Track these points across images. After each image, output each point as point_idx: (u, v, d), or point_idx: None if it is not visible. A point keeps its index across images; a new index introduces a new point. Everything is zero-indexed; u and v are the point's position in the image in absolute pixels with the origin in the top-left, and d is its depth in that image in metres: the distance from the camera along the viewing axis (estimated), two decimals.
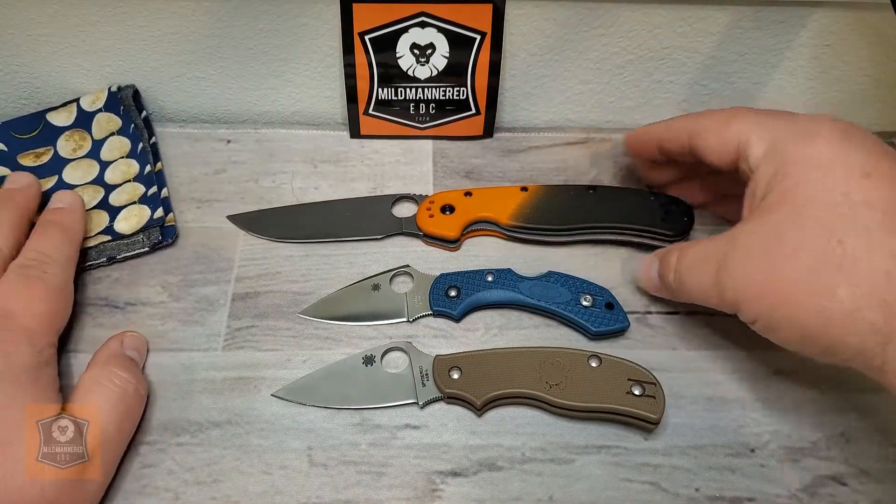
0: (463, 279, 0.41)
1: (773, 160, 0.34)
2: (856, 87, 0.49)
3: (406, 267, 0.42)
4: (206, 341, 0.39)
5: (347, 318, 0.40)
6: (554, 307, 0.40)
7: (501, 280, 0.41)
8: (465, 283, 0.41)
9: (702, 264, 0.35)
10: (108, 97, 0.48)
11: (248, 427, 0.36)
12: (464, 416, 0.37)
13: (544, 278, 0.41)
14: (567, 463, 0.36)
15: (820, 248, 0.30)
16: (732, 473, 0.35)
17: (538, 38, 0.46)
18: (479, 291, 0.40)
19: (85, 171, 0.46)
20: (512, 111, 0.51)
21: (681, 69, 0.48)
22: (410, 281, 0.42)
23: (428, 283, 0.41)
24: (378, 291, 0.41)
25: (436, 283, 0.41)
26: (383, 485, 0.35)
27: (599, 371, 0.36)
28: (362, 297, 0.41)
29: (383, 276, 0.42)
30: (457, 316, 0.40)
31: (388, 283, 0.42)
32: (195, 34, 0.46)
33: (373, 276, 0.42)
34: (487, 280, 0.41)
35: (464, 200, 0.44)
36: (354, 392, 0.37)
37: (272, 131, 0.50)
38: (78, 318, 0.40)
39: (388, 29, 0.45)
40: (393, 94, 0.48)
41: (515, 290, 0.40)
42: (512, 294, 0.40)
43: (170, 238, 0.43)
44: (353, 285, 0.41)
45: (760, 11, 0.45)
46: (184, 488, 0.34)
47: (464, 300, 0.40)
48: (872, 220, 0.30)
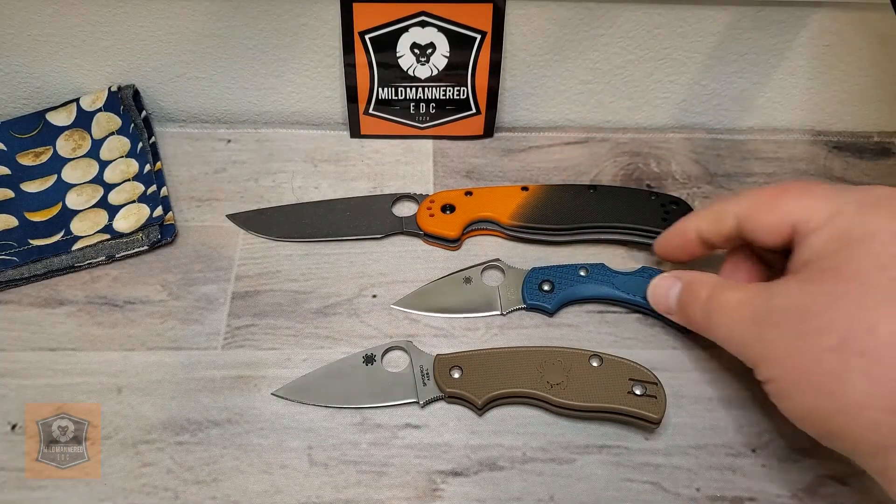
0: (556, 273, 0.41)
1: (829, 228, 0.31)
2: (856, 87, 0.50)
3: (496, 260, 0.42)
4: (205, 340, 0.39)
5: (441, 310, 0.41)
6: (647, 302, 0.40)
7: (595, 274, 0.41)
8: (559, 278, 0.41)
9: (737, 312, 0.33)
10: (108, 97, 0.48)
11: (248, 426, 0.36)
12: (464, 416, 0.37)
13: (638, 273, 0.41)
14: (568, 463, 0.36)
15: (849, 329, 0.28)
16: (734, 473, 0.35)
17: (538, 38, 0.46)
18: (574, 286, 0.40)
19: (84, 170, 0.46)
20: (512, 111, 0.51)
21: (681, 69, 0.49)
22: (501, 275, 0.42)
23: (520, 277, 0.41)
24: (470, 284, 0.41)
25: (529, 276, 0.41)
26: (384, 484, 0.35)
27: (600, 371, 0.36)
28: (455, 289, 0.41)
29: (474, 269, 0.42)
30: (551, 310, 0.40)
31: (480, 276, 0.42)
32: (195, 34, 0.46)
33: (463, 270, 0.42)
34: (580, 275, 0.41)
35: (464, 200, 0.44)
36: (355, 391, 0.37)
37: (272, 131, 0.50)
38: (77, 316, 0.40)
39: (388, 28, 0.45)
40: (393, 93, 0.48)
41: (611, 286, 0.40)
42: (607, 289, 0.40)
43: (169, 237, 0.43)
44: (445, 278, 0.42)
45: (760, 11, 0.45)
46: (183, 487, 0.34)
47: (558, 294, 0.40)
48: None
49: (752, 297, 0.33)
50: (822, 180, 0.48)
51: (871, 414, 0.27)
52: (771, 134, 0.51)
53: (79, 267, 0.42)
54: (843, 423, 0.28)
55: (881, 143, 0.51)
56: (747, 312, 0.33)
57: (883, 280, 0.28)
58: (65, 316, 0.40)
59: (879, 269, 0.29)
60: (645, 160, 0.49)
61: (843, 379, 0.28)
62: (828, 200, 0.32)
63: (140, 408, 0.37)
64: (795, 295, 0.31)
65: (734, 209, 0.35)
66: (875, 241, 0.29)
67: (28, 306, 0.40)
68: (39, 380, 0.37)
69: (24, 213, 0.44)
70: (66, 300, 0.41)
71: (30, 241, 0.42)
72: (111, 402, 0.37)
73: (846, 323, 0.28)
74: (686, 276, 0.38)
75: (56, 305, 0.40)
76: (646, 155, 0.50)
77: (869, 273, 0.29)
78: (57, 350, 0.39)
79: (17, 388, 0.37)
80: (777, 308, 0.31)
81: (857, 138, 0.51)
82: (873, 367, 0.27)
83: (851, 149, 0.51)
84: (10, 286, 0.41)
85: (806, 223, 0.32)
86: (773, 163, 0.49)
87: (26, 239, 0.42)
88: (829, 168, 0.49)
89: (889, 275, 0.28)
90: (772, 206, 0.34)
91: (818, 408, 0.29)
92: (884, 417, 0.27)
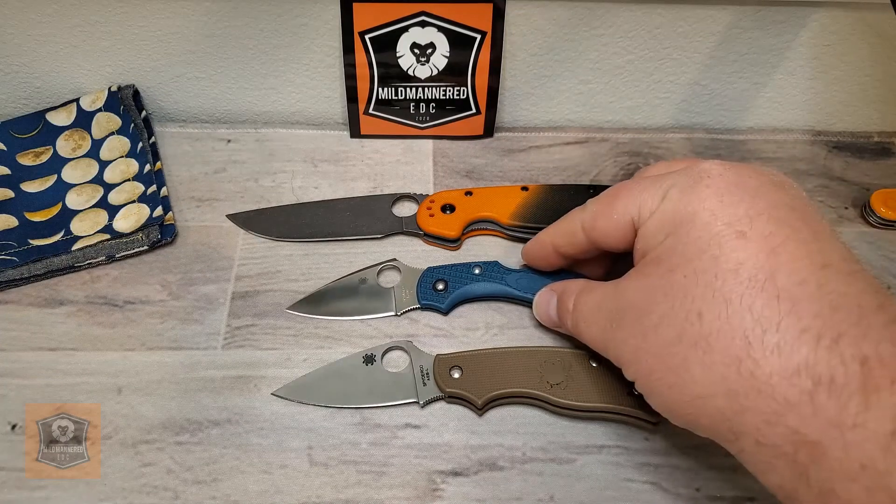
0: (450, 272, 0.41)
1: (658, 214, 0.30)
2: (856, 87, 0.50)
3: (393, 261, 0.42)
4: (205, 340, 0.39)
5: (335, 312, 0.40)
6: None
7: (488, 273, 0.41)
8: (453, 277, 0.41)
9: (594, 316, 0.33)
10: (108, 97, 0.48)
11: (248, 426, 0.36)
12: (464, 416, 0.37)
13: (531, 270, 0.41)
14: (568, 463, 0.36)
15: (681, 320, 0.28)
16: (733, 473, 0.35)
17: (538, 38, 0.46)
18: (467, 284, 0.40)
19: (84, 170, 0.46)
20: (512, 111, 0.51)
21: (681, 69, 0.49)
22: (398, 275, 0.42)
23: (415, 277, 0.41)
24: (365, 285, 0.41)
25: (423, 276, 0.41)
26: (384, 484, 0.35)
27: (600, 371, 0.36)
28: (349, 291, 0.41)
29: (370, 270, 0.42)
30: (444, 309, 0.40)
31: (376, 277, 0.42)
32: (195, 34, 0.46)
33: (359, 271, 0.42)
34: (475, 273, 0.41)
35: (464, 200, 0.44)
36: (355, 391, 0.37)
37: (272, 131, 0.50)
38: (77, 316, 0.40)
39: (388, 28, 0.45)
40: (393, 93, 0.48)
41: (502, 283, 0.40)
42: (499, 286, 0.40)
43: (169, 236, 0.43)
44: (340, 280, 0.41)
45: (760, 11, 0.45)
46: (183, 487, 0.34)
47: (451, 293, 0.40)
48: (734, 291, 0.26)
49: (604, 299, 0.33)
50: (822, 180, 0.48)
51: (714, 402, 0.27)
52: (771, 134, 0.51)
53: (79, 267, 0.42)
54: (697, 414, 0.28)
55: (881, 143, 0.51)
56: (602, 316, 0.33)
57: (705, 262, 0.28)
58: (65, 316, 0.40)
59: (701, 252, 0.28)
60: (645, 160, 0.49)
61: (685, 370, 0.27)
62: (655, 189, 0.31)
63: (140, 408, 0.37)
64: (634, 292, 0.30)
65: (579, 222, 0.35)
66: (695, 224, 0.29)
67: (28, 306, 0.40)
68: (39, 380, 0.37)
69: (24, 213, 0.44)
70: (66, 300, 0.41)
71: (30, 241, 0.42)
72: (111, 402, 0.37)
73: (678, 314, 0.28)
74: (559, 287, 0.37)
75: (56, 305, 0.40)
76: (646, 155, 0.50)
77: (692, 258, 0.28)
78: (57, 350, 0.39)
79: (17, 388, 0.37)
80: (623, 308, 0.31)
81: (857, 138, 0.51)
82: (706, 354, 0.27)
83: (851, 149, 0.51)
84: (10, 286, 0.41)
85: (638, 217, 0.31)
86: (774, 163, 0.49)
87: (26, 239, 0.42)
88: (829, 168, 0.49)
89: (710, 255, 0.27)
90: (608, 212, 0.33)
91: (674, 402, 0.29)
92: (726, 403, 0.26)
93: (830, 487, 0.24)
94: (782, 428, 0.25)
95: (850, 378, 0.24)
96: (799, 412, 0.24)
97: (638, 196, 0.32)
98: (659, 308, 0.29)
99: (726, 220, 0.28)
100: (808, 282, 0.26)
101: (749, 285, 0.26)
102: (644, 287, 0.30)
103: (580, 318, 0.35)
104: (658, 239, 0.30)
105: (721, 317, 0.26)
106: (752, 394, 0.25)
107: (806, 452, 0.24)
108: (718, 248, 0.27)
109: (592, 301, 0.34)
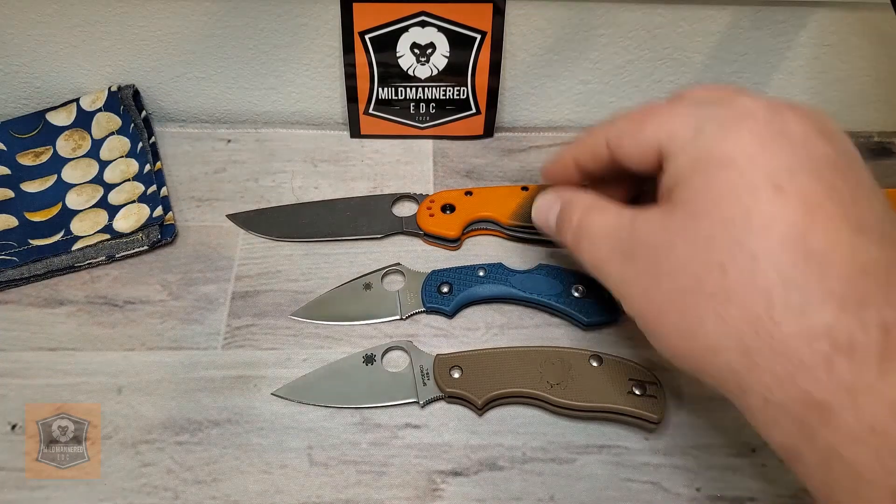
0: (455, 275, 0.41)
1: (689, 149, 0.28)
2: (856, 87, 0.50)
3: (397, 265, 0.42)
4: (205, 340, 0.39)
5: (340, 318, 0.40)
6: (546, 299, 0.40)
7: (493, 274, 0.41)
8: (457, 279, 0.41)
9: (602, 241, 0.31)
10: (108, 97, 0.48)
11: (248, 426, 0.36)
12: (464, 416, 0.37)
13: (535, 271, 0.41)
14: (568, 462, 0.36)
15: (701, 268, 0.26)
16: (734, 473, 0.35)
17: (538, 38, 0.46)
18: (471, 287, 0.40)
19: (84, 170, 0.46)
20: (512, 111, 0.51)
21: (681, 69, 0.48)
22: (402, 279, 0.42)
23: (420, 280, 0.41)
24: (370, 290, 0.41)
25: (428, 279, 0.41)
26: (384, 484, 0.35)
27: (601, 371, 0.36)
28: (354, 296, 0.41)
29: (374, 274, 0.42)
30: (450, 312, 0.40)
31: (380, 282, 0.41)
32: (195, 34, 0.46)
33: (364, 276, 0.42)
34: (479, 275, 0.41)
35: (464, 200, 0.44)
36: (355, 391, 0.37)
37: (272, 131, 0.50)
38: (77, 316, 0.40)
39: (388, 28, 0.45)
40: (393, 93, 0.48)
41: (507, 284, 0.40)
42: (504, 288, 0.40)
43: (169, 236, 0.43)
44: (345, 285, 0.41)
45: (760, 11, 0.45)
46: (183, 487, 0.34)
47: (456, 296, 0.40)
48: (764, 248, 0.25)
49: (617, 227, 0.31)
50: None
51: (725, 356, 0.26)
52: None
53: (79, 267, 0.42)
54: (705, 364, 0.27)
55: (881, 143, 0.51)
56: (610, 244, 0.31)
57: (736, 213, 0.26)
58: (65, 316, 0.40)
59: (733, 201, 0.26)
60: None
61: (698, 321, 0.27)
62: (690, 118, 0.29)
63: (140, 408, 0.37)
64: (655, 228, 0.29)
65: (604, 138, 0.33)
66: (732, 168, 0.27)
67: (28, 306, 0.40)
68: (39, 380, 0.37)
69: (24, 213, 0.44)
70: (66, 300, 0.41)
71: (30, 241, 0.42)
72: (111, 402, 0.37)
73: (699, 263, 0.27)
74: (565, 196, 0.35)
75: (56, 305, 0.40)
76: None
77: (723, 206, 0.26)
78: (57, 350, 0.39)
79: (17, 388, 0.37)
80: (638, 241, 0.29)
81: (857, 138, 0.51)
82: (723, 308, 0.26)
83: None
84: (10, 286, 0.41)
85: (668, 146, 0.29)
86: None
87: (26, 239, 0.42)
88: None
89: (743, 206, 0.26)
90: (636, 131, 0.31)
91: (681, 348, 0.28)
92: (738, 359, 0.26)
93: (836, 449, 0.24)
94: (793, 388, 0.24)
95: (871, 344, 0.23)
96: (813, 375, 0.24)
97: (669, 121, 0.30)
98: (678, 253, 0.27)
99: (765, 170, 0.26)
100: (840, 244, 0.25)
101: (779, 242, 0.25)
102: (665, 228, 0.28)
103: (583, 236, 0.33)
104: (688, 175, 0.28)
105: (745, 272, 0.25)
106: (766, 352, 0.25)
107: (815, 413, 0.24)
108: (752, 199, 0.26)
109: (602, 223, 0.32)
